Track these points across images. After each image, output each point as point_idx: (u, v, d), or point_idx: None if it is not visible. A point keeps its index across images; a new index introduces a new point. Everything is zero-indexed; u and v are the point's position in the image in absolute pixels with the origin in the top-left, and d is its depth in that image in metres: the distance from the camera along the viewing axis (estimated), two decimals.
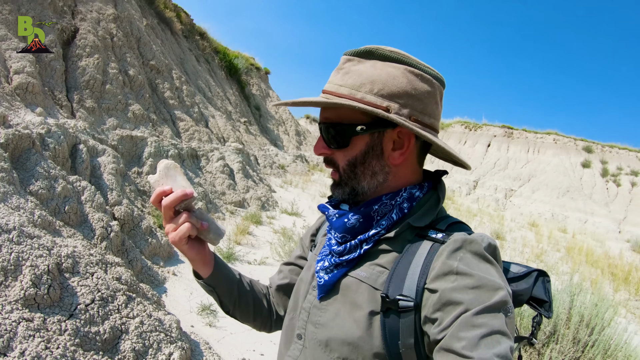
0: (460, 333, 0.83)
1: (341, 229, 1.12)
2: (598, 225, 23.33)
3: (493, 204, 26.48)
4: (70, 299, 3.09)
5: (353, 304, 1.06)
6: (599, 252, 15.37)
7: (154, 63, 10.82)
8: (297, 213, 10.86)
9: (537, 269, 1.25)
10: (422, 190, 1.15)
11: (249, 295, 1.39)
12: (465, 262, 0.94)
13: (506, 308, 0.88)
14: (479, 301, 0.86)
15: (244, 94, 20.73)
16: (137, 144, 7.85)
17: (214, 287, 1.32)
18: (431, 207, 1.13)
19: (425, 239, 1.06)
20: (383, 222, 1.10)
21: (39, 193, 4.36)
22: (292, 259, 1.51)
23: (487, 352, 0.79)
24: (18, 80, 5.80)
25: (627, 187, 28.61)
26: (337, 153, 1.13)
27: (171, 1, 16.79)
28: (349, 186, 1.13)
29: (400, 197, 1.12)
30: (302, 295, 1.23)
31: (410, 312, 0.96)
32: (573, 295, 4.54)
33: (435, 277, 0.95)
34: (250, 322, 1.44)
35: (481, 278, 0.90)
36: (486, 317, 0.84)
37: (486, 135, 36.72)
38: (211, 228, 1.16)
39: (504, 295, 0.88)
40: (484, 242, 0.99)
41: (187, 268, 5.87)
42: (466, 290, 0.89)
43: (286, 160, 17.01)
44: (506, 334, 0.84)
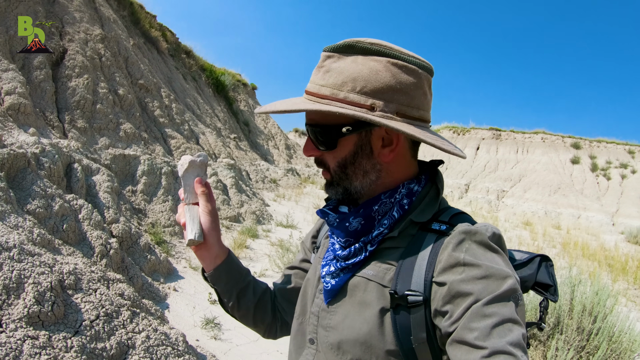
0: (471, 324, 0.83)
1: (344, 234, 1.11)
2: (591, 219, 23.60)
3: (486, 206, 26.65)
4: (74, 315, 3.04)
5: (362, 304, 1.04)
6: (595, 245, 15.54)
7: (143, 82, 10.80)
8: (292, 225, 10.83)
9: (539, 254, 1.25)
10: (420, 184, 1.14)
11: (250, 302, 1.36)
12: (471, 252, 0.94)
13: (516, 296, 0.87)
14: (488, 291, 0.86)
15: (232, 110, 20.73)
16: (130, 162, 7.80)
17: (213, 284, 1.33)
18: (431, 200, 1.12)
19: (429, 232, 1.04)
20: (385, 221, 1.08)
21: (36, 212, 4.31)
22: (295, 262, 1.49)
23: (500, 341, 0.79)
24: (10, 101, 5.76)
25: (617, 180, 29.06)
26: (326, 154, 1.11)
27: (156, 20, 16.83)
28: (342, 186, 1.12)
29: (399, 194, 1.10)
30: (310, 299, 1.22)
31: (419, 306, 0.95)
32: (573, 286, 4.57)
33: (443, 270, 0.94)
34: (251, 326, 1.43)
35: (489, 268, 0.89)
36: (496, 306, 0.84)
37: (475, 138, 37.09)
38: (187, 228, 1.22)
39: (513, 283, 0.88)
40: (488, 232, 0.98)
41: (187, 284, 5.81)
42: (474, 280, 0.88)
43: (277, 174, 16.97)
44: (518, 321, 0.83)
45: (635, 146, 32.50)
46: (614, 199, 27.04)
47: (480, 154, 35.50)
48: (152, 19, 16.44)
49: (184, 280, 5.91)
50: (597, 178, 30.20)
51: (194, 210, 1.23)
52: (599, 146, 33.53)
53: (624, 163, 30.69)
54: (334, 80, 1.02)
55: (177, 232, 7.28)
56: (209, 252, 1.26)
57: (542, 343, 4.32)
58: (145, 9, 16.04)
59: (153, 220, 7.13)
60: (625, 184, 28.56)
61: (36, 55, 7.18)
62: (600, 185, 29.29)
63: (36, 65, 7.13)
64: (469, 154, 35.61)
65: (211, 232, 1.23)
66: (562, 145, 34.02)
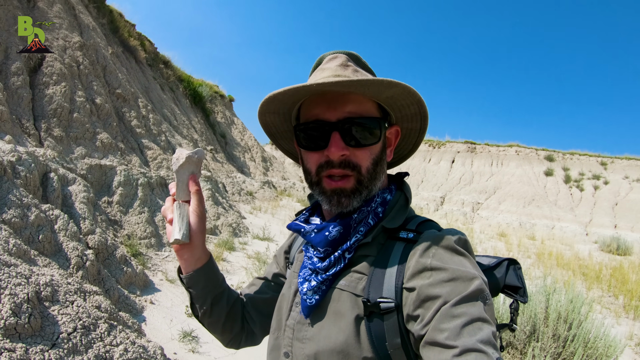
0: (441, 325, 0.85)
1: (323, 243, 1.12)
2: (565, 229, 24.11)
3: (461, 218, 26.95)
4: (51, 327, 2.98)
5: (337, 314, 1.06)
6: (569, 255, 15.84)
7: (120, 91, 10.69)
8: (269, 238, 10.78)
9: (507, 257, 1.30)
10: (391, 194, 1.18)
11: (221, 311, 1.34)
12: (438, 257, 0.97)
13: (483, 296, 0.90)
14: (456, 292, 0.88)
15: (209, 122, 20.63)
16: (107, 173, 7.69)
17: (188, 287, 1.30)
18: (401, 207, 1.16)
19: (397, 241, 1.08)
20: (361, 228, 1.11)
21: (12, 221, 4.21)
22: (268, 274, 1.49)
23: (470, 339, 0.81)
24: None
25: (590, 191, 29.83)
26: (360, 152, 1.10)
27: (135, 29, 16.71)
28: (368, 189, 1.12)
29: (375, 203, 1.14)
30: (285, 314, 1.22)
31: (392, 312, 0.98)
32: (548, 295, 4.66)
33: (411, 276, 0.97)
34: (218, 334, 1.41)
35: (455, 270, 0.92)
36: (465, 306, 0.86)
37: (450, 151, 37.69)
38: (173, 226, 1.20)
39: (480, 284, 0.90)
40: (454, 237, 1.01)
41: (164, 296, 5.73)
42: (442, 283, 0.91)
43: (254, 186, 16.90)
44: (487, 320, 0.85)
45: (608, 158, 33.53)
46: (587, 209, 27.71)
47: (455, 167, 36.03)
48: (131, 28, 16.32)
49: (160, 293, 5.82)
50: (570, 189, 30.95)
51: (184, 209, 1.21)
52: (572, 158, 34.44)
53: (597, 174, 31.58)
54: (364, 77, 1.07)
55: (153, 244, 7.19)
56: (191, 253, 1.25)
57: (519, 350, 4.38)
58: (124, 18, 15.92)
59: (129, 232, 7.02)
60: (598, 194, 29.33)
61: (14, 61, 7.06)
62: (574, 196, 29.99)
63: (13, 72, 7.01)
64: (444, 166, 36.12)
65: (198, 234, 1.22)
66: (535, 157, 34.80)
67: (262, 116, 1.25)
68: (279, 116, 1.27)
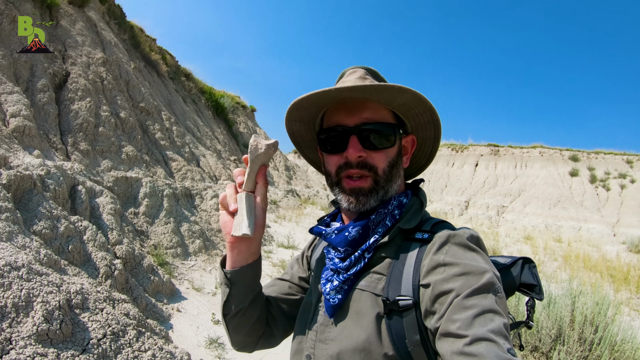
0: (453, 316, 0.88)
1: (343, 243, 1.16)
2: (592, 231, 23.54)
3: (486, 222, 26.58)
4: (82, 334, 3.05)
5: (358, 313, 1.10)
6: (596, 256, 15.46)
7: (144, 105, 10.89)
8: (293, 246, 10.80)
9: (521, 257, 1.33)
10: (407, 198, 1.24)
11: (254, 313, 1.32)
12: (451, 253, 1.01)
13: (495, 288, 0.92)
14: (468, 285, 0.92)
15: (231, 132, 20.81)
16: (132, 184, 7.84)
17: (231, 284, 1.23)
18: (416, 210, 1.21)
19: (413, 241, 1.12)
20: (379, 229, 1.16)
21: (42, 233, 4.34)
22: (292, 278, 1.49)
23: (481, 329, 0.83)
24: (15, 124, 5.83)
25: (616, 191, 29.09)
26: (376, 155, 1.17)
27: (156, 44, 16.99)
28: (384, 189, 1.18)
29: (392, 205, 1.19)
30: (309, 318, 1.25)
31: (410, 309, 1.01)
32: (574, 298, 4.58)
33: (427, 273, 1.01)
34: (240, 336, 1.35)
35: (467, 265, 0.96)
36: (476, 298, 0.89)
37: (473, 155, 37.28)
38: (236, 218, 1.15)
39: (491, 277, 0.93)
40: (466, 234, 1.06)
41: (190, 304, 5.80)
42: (455, 278, 0.94)
43: (278, 195, 16.98)
44: (498, 311, 0.88)
45: (634, 156, 32.73)
46: (614, 209, 27.05)
47: (479, 171, 35.64)
48: (152, 42, 16.61)
49: (187, 301, 5.90)
50: (596, 189, 30.28)
51: (251, 200, 1.17)
52: (597, 157, 33.72)
53: (623, 173, 30.82)
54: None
55: (179, 253, 7.29)
56: (248, 247, 1.22)
57: (545, 354, 4.32)
58: (145, 33, 16.21)
59: (155, 242, 7.14)
60: (624, 193, 28.61)
61: (40, 78, 7.27)
62: (600, 196, 29.32)
63: (40, 88, 7.22)
64: (468, 170, 35.74)
65: (260, 228, 1.19)
66: (560, 158, 34.18)
67: (288, 124, 1.31)
68: (303, 125, 1.33)
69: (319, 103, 1.19)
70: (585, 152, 34.62)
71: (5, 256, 3.17)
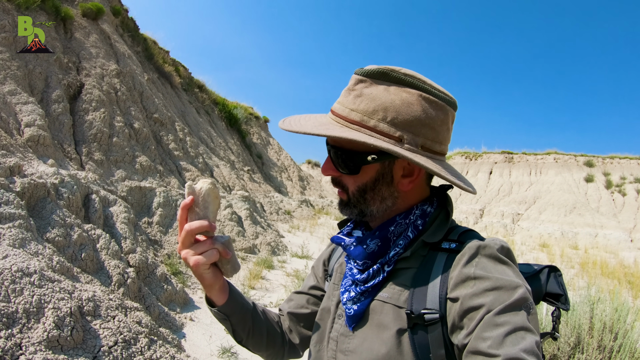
0: (484, 333, 0.83)
1: (361, 256, 1.11)
2: (609, 237, 23.17)
3: (502, 230, 26.33)
4: (93, 341, 3.03)
5: (380, 326, 1.05)
6: (613, 263, 15.19)
7: (157, 116, 10.97)
8: (307, 256, 10.77)
9: (547, 265, 1.26)
10: (432, 206, 1.15)
11: (262, 325, 1.33)
12: (481, 266, 0.95)
13: (527, 305, 0.88)
14: (500, 301, 0.87)
15: (245, 143, 20.92)
16: (146, 194, 7.86)
17: (228, 316, 1.25)
18: (442, 222, 1.13)
19: (439, 251, 1.06)
20: (400, 241, 1.10)
21: (55, 240, 4.34)
22: (304, 289, 1.47)
23: (513, 348, 0.79)
24: (29, 133, 5.89)
25: (633, 196, 28.69)
26: (346, 177, 1.12)
27: (169, 56, 17.19)
28: (358, 208, 1.13)
29: (414, 215, 1.12)
30: (328, 326, 1.21)
31: (437, 324, 0.96)
32: (592, 304, 4.48)
33: (455, 286, 0.96)
34: (263, 352, 1.38)
35: (498, 279, 0.91)
36: (508, 315, 0.84)
37: (487, 163, 37.07)
38: (231, 259, 1.14)
39: (523, 292, 0.88)
40: (496, 245, 0.99)
41: (204, 314, 5.78)
42: (485, 293, 0.89)
43: (292, 205, 16.99)
44: (530, 329, 0.84)
45: None
46: (630, 214, 26.64)
47: (493, 178, 35.40)
48: (166, 54, 16.79)
49: (200, 310, 5.87)
50: (612, 195, 29.85)
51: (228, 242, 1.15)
52: (612, 162, 33.30)
53: (639, 178, 30.41)
54: (365, 107, 1.03)
55: None
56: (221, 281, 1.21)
57: None
58: (158, 45, 16.42)
59: (169, 252, 7.13)
60: None
61: (54, 89, 7.36)
62: (616, 201, 28.91)
63: (54, 99, 7.29)
64: (482, 178, 35.53)
65: None
66: (575, 164, 33.86)
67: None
68: None
69: None
70: (600, 157, 34.23)
71: (17, 262, 3.16)
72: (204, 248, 1.08)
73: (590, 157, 34.20)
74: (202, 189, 1.09)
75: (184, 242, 1.08)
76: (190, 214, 1.09)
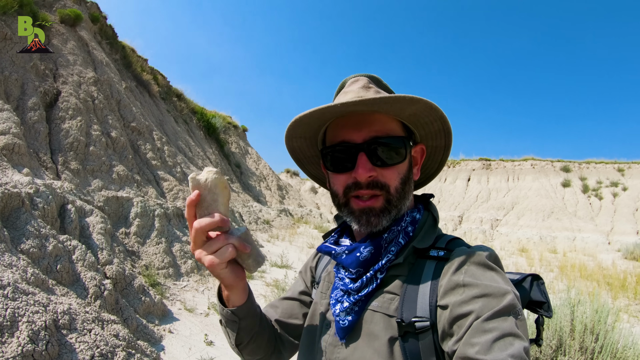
0: (472, 339, 0.84)
1: (354, 264, 1.09)
2: (587, 240, 23.67)
3: (480, 236, 26.68)
4: (69, 355, 2.95)
5: (370, 335, 1.04)
6: (592, 265, 15.50)
7: (135, 125, 10.85)
8: (287, 265, 10.72)
9: (530, 273, 1.27)
10: (420, 213, 1.17)
11: (265, 331, 1.29)
12: (470, 274, 0.96)
13: (515, 311, 0.88)
14: (488, 307, 0.87)
15: (223, 152, 20.82)
16: (123, 204, 7.74)
17: (240, 319, 1.18)
18: (430, 227, 1.15)
19: (428, 259, 1.07)
20: (392, 248, 1.09)
21: (30, 251, 4.24)
22: (294, 294, 1.44)
23: (500, 354, 0.79)
24: (4, 141, 5.76)
25: (609, 199, 29.43)
26: (387, 172, 1.09)
27: (148, 64, 17.06)
28: (397, 208, 1.10)
29: (405, 222, 1.12)
30: (317, 336, 1.20)
31: (427, 331, 0.96)
32: (573, 307, 4.55)
33: (445, 293, 0.96)
34: (256, 358, 1.33)
35: (487, 286, 0.92)
36: (497, 321, 0.85)
37: (465, 170, 37.69)
38: (252, 253, 1.05)
39: (512, 298, 0.89)
40: (485, 253, 1.01)
41: (183, 325, 5.69)
42: (474, 299, 0.90)
43: (270, 215, 16.91)
44: (518, 335, 0.84)
45: (624, 163, 33.17)
46: (607, 217, 27.26)
47: (471, 185, 35.93)
48: (144, 63, 16.68)
49: (179, 322, 5.78)
50: (589, 199, 30.56)
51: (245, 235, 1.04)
52: (589, 167, 34.18)
53: (615, 181, 31.19)
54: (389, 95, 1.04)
55: (171, 274, 7.18)
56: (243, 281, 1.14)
57: None
58: (137, 53, 16.30)
59: (147, 263, 7.02)
60: (617, 201, 28.92)
61: (30, 96, 7.23)
62: (593, 205, 29.57)
63: (30, 107, 7.16)
64: (460, 185, 36.06)
65: None
66: (552, 169, 34.59)
67: (289, 141, 1.24)
68: (305, 140, 1.26)
69: (322, 118, 1.10)
70: (576, 163, 35.11)
71: None
72: (218, 245, 0.99)
73: (566, 163, 35.00)
74: (208, 180, 0.99)
75: (196, 241, 1.00)
76: (199, 210, 0.99)
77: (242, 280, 1.11)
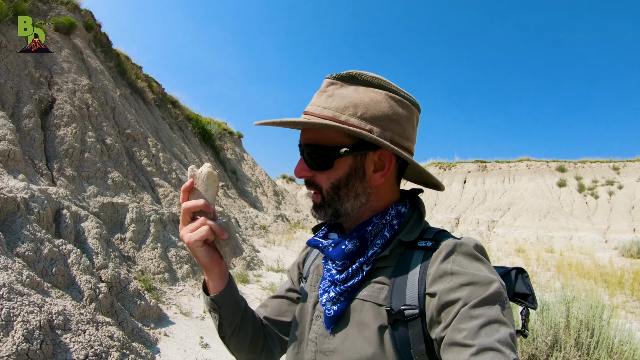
0: (460, 325, 0.87)
1: (340, 256, 1.14)
2: (584, 239, 23.61)
3: (477, 237, 26.57)
4: (63, 354, 2.99)
5: (360, 324, 1.07)
6: (589, 263, 15.42)
7: (130, 131, 10.88)
8: (283, 270, 10.74)
9: (514, 267, 1.31)
10: (406, 207, 1.20)
11: (249, 326, 1.32)
12: (457, 263, 1.00)
13: (501, 299, 0.92)
14: (475, 295, 0.91)
15: (219, 158, 20.83)
16: (119, 210, 7.77)
17: (219, 307, 1.23)
18: (416, 221, 1.18)
19: (416, 249, 1.10)
20: (378, 241, 1.13)
21: (25, 255, 4.27)
22: (281, 292, 1.48)
23: (487, 339, 0.83)
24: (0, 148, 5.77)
25: (605, 198, 29.33)
26: (320, 175, 1.15)
27: (142, 71, 17.09)
28: (332, 208, 1.16)
29: (390, 215, 1.16)
30: (307, 327, 1.23)
31: (416, 319, 0.99)
32: (568, 303, 4.57)
33: (433, 281, 0.99)
34: (244, 354, 1.35)
35: (474, 275, 0.95)
36: (483, 308, 0.89)
37: (461, 172, 37.57)
38: (230, 241, 1.14)
39: (498, 287, 0.93)
40: (471, 243, 1.05)
41: (178, 329, 5.71)
42: (461, 287, 0.94)
43: (267, 220, 16.93)
44: (504, 322, 0.88)
45: (620, 162, 33.01)
46: (603, 216, 27.15)
47: (467, 187, 35.84)
48: (138, 70, 16.71)
49: (174, 325, 5.80)
50: (585, 198, 30.47)
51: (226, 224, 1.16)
52: (584, 166, 34.06)
53: (610, 180, 31.05)
54: (337, 104, 1.10)
55: (167, 279, 7.20)
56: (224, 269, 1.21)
57: None
58: (131, 60, 16.34)
59: (142, 268, 7.05)
60: (613, 200, 28.79)
61: (25, 104, 7.27)
62: (589, 204, 29.46)
63: (25, 114, 7.20)
64: (457, 187, 35.92)
65: None
66: (547, 170, 34.52)
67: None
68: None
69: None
70: (571, 162, 35.01)
71: None
72: (197, 224, 1.10)
73: (562, 163, 34.98)
74: (203, 172, 1.13)
75: (183, 220, 1.13)
76: (191, 196, 1.13)
77: (217, 265, 1.17)
